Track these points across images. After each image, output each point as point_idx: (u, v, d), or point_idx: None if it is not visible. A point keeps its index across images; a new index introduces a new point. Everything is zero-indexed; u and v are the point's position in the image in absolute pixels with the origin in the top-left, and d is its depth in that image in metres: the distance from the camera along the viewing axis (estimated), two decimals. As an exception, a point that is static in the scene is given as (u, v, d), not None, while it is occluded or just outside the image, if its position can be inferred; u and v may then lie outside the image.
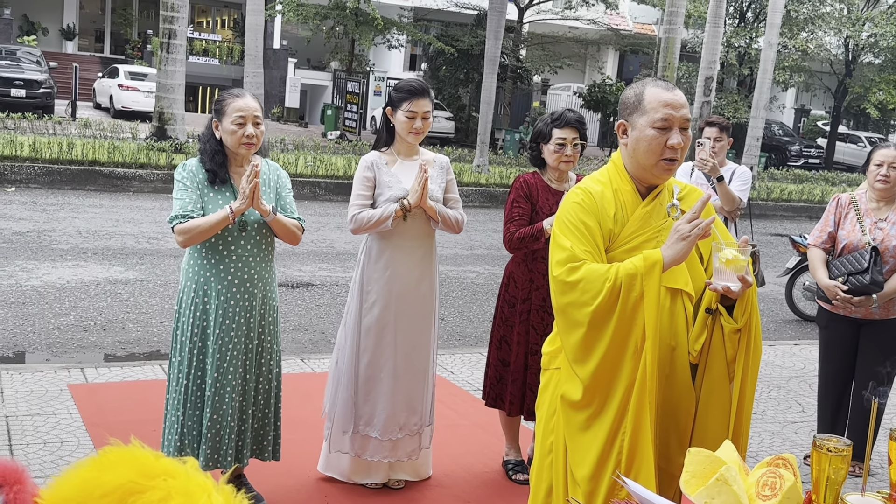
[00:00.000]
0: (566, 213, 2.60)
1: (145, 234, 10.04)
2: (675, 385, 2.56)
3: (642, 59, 33.78)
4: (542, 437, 2.70)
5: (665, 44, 18.79)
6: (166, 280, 8.01)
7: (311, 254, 9.78)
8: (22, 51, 23.75)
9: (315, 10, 24.70)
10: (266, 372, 3.63)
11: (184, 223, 3.37)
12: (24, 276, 7.71)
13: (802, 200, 19.47)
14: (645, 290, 2.42)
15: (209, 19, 34.37)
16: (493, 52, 18.37)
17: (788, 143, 31.14)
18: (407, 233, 3.89)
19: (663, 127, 2.52)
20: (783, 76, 28.31)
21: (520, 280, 4.18)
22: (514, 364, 4.16)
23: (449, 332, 7.27)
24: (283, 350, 6.17)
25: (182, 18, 15.58)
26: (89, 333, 6.40)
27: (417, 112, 3.82)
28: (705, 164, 4.97)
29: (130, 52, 30.74)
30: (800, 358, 7.02)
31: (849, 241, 4.52)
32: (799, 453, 4.87)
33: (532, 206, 4.12)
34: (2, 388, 4.91)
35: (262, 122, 3.50)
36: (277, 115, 27.60)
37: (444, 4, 28.98)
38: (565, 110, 4.19)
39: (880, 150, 4.52)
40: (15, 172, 12.83)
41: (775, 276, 10.20)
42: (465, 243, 11.31)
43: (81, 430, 4.46)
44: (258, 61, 17.54)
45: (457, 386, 5.65)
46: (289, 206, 3.61)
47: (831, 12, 29.03)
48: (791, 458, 1.95)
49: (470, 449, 4.66)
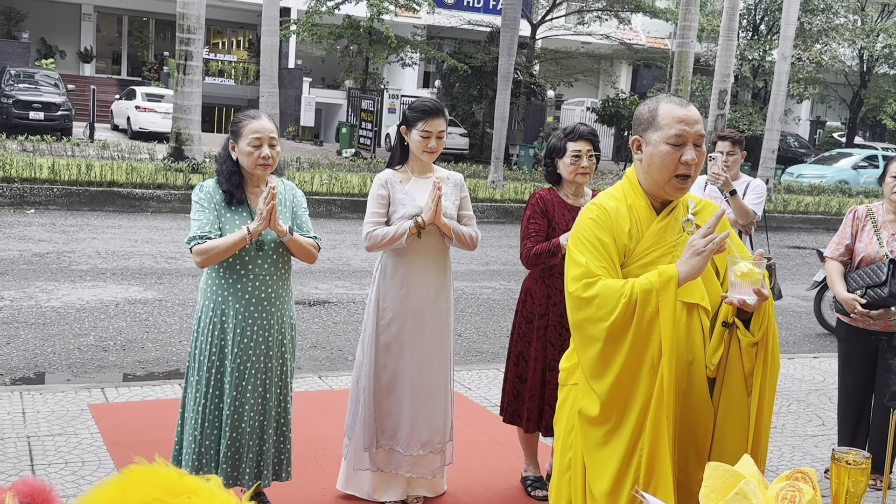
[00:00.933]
0: (581, 229, 2.62)
1: (163, 254, 10.11)
2: (693, 399, 2.56)
3: (656, 73, 33.78)
4: (561, 453, 2.70)
5: (678, 57, 18.80)
6: (184, 299, 8.07)
7: (328, 271, 9.82)
8: (40, 74, 24.04)
9: (329, 29, 24.89)
10: (287, 391, 3.65)
11: (202, 244, 3.40)
12: (44, 298, 7.78)
13: (819, 212, 19.38)
14: (661, 306, 2.42)
15: (224, 40, 34.68)
16: (507, 68, 18.44)
17: (804, 155, 31.02)
18: (421, 250, 3.91)
19: (677, 143, 2.54)
20: (798, 88, 28.25)
21: (537, 296, 4.19)
22: (531, 380, 4.17)
23: (466, 348, 7.27)
24: (301, 368, 6.20)
25: (198, 40, 15.74)
26: (109, 353, 6.45)
27: (432, 132, 3.85)
28: (717, 178, 4.97)
29: (147, 73, 31.06)
30: (819, 371, 6.98)
31: (866, 254, 4.51)
32: (819, 467, 4.84)
33: (548, 221, 4.13)
34: (23, 409, 4.95)
35: (277, 143, 3.53)
36: (293, 134, 27.76)
37: (457, 22, 29.13)
38: (577, 124, 4.24)
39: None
40: (34, 194, 12.97)
41: (804, 289, 10.16)
42: (480, 259, 11.32)
43: (102, 449, 4.49)
44: (273, 81, 17.68)
45: (474, 402, 5.65)
46: (305, 225, 3.64)
47: (845, 24, 28.99)
48: (810, 471, 1.95)
49: (488, 465, 4.65)
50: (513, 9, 18.46)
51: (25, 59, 26.73)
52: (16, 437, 4.56)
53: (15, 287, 8.05)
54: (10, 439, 4.52)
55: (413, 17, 28.11)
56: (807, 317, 9.58)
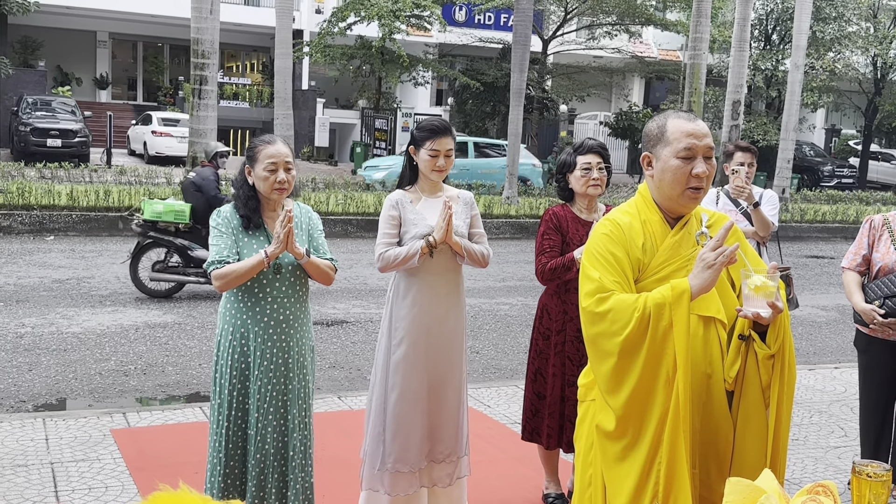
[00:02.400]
0: (594, 245, 2.64)
1: (181, 278, 10.17)
2: (712, 413, 2.56)
3: (668, 85, 33.78)
4: (582, 469, 2.70)
5: (690, 69, 18.79)
6: (203, 322, 8.12)
7: (345, 291, 9.85)
8: (57, 101, 24.31)
9: (342, 50, 25.07)
10: (305, 413, 3.66)
11: (220, 268, 3.44)
12: (64, 324, 7.85)
13: (837, 221, 19.27)
14: (674, 320, 2.43)
15: (238, 63, 34.98)
16: (519, 84, 18.50)
17: (820, 163, 30.87)
18: (433, 269, 3.93)
19: (687, 157, 2.56)
20: (812, 97, 28.15)
21: (553, 312, 4.20)
22: (550, 396, 4.17)
23: (484, 365, 7.27)
24: (320, 388, 6.22)
25: (212, 64, 15.88)
26: (130, 378, 6.50)
27: (440, 150, 3.88)
28: (742, 191, 4.94)
29: (163, 98, 31.34)
30: (840, 381, 6.93)
31: (884, 264, 4.48)
32: (843, 478, 4.80)
33: (562, 237, 4.15)
34: (46, 436, 5.00)
35: (293, 166, 3.57)
36: (307, 155, 27.92)
37: (468, 39, 29.26)
38: (586, 139, 4.30)
39: None
40: (53, 221, 13.10)
41: (811, 297, 10.10)
42: (496, 275, 11.33)
43: (125, 474, 4.52)
44: (287, 103, 17.81)
45: (493, 419, 5.64)
46: (321, 248, 3.67)
47: (857, 31, 28.89)
48: (831, 485, 1.95)
49: (509, 483, 4.65)
50: (524, 25, 18.54)
51: (42, 87, 27.04)
52: (39, 463, 4.60)
53: (36, 314, 8.13)
54: (34, 466, 4.56)
55: (425, 35, 28.26)
56: (827, 327, 9.53)
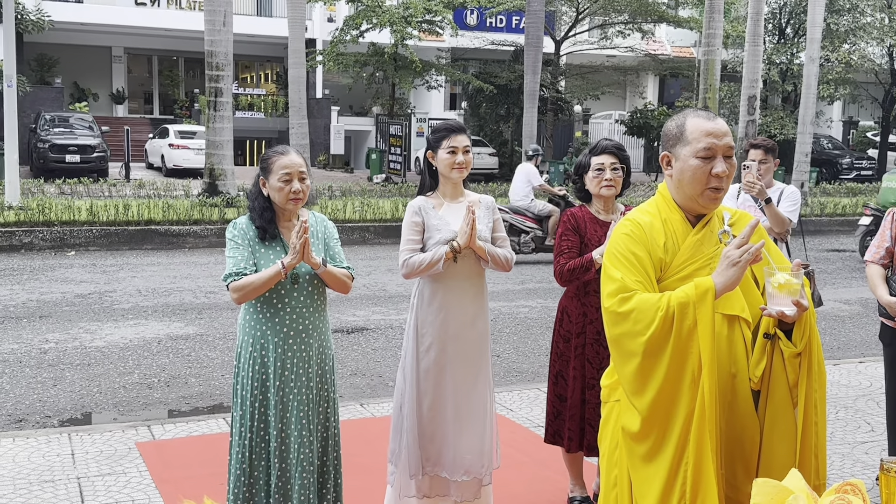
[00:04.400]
0: (616, 245, 2.62)
1: (202, 289, 10.23)
2: (738, 413, 2.54)
3: (683, 82, 33.63)
4: (606, 470, 2.69)
5: (705, 66, 18.72)
6: (225, 333, 8.15)
7: (364, 298, 9.86)
8: (74, 117, 24.52)
9: (354, 58, 25.14)
10: (325, 420, 3.67)
11: (238, 280, 3.45)
12: (88, 338, 7.90)
13: (857, 214, 19.09)
14: (699, 318, 2.41)
15: (253, 74, 35.15)
16: (532, 86, 18.49)
17: (839, 156, 30.64)
18: (458, 274, 3.93)
19: (707, 156, 2.53)
20: (828, 90, 27.95)
21: (573, 314, 4.18)
22: (570, 399, 4.15)
23: (505, 368, 7.25)
24: (342, 396, 6.22)
25: (227, 76, 15.98)
26: (154, 390, 6.53)
27: (458, 147, 3.88)
28: (752, 186, 4.93)
29: (179, 111, 31.54)
30: (866, 376, 6.86)
31: None
32: (871, 474, 4.75)
33: (580, 238, 4.14)
34: (72, 450, 5.03)
35: (307, 176, 3.57)
36: (323, 163, 28.00)
37: (480, 43, 29.26)
38: (601, 139, 4.31)
39: None
40: (74, 237, 13.20)
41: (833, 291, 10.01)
42: (516, 278, 11.31)
43: (151, 487, 4.54)
44: (302, 112, 17.89)
45: (516, 423, 5.63)
46: (337, 256, 3.67)
47: (872, 22, 28.65)
48: (860, 483, 1.93)
49: (533, 487, 4.63)
50: (535, 27, 18.54)
51: (59, 103, 27.29)
52: (66, 478, 4.63)
53: (59, 329, 8.19)
54: (61, 481, 4.59)
55: (437, 40, 28.29)
56: (850, 321, 9.44)
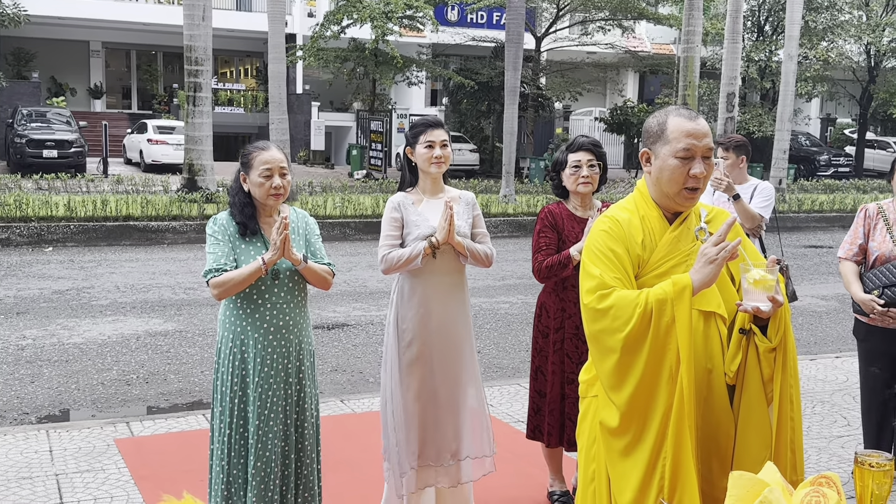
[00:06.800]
0: (594, 242, 2.64)
1: (181, 286, 10.18)
2: (714, 407, 2.56)
3: (662, 79, 33.78)
4: (584, 465, 2.71)
5: (684, 63, 18.81)
6: (204, 329, 8.12)
7: (345, 294, 9.85)
8: (52, 112, 24.31)
9: (335, 53, 25.06)
10: (305, 416, 3.67)
11: (218, 277, 3.44)
12: (65, 334, 7.85)
13: (834, 210, 19.28)
14: (676, 315, 2.43)
15: (232, 69, 34.97)
16: (513, 82, 18.51)
17: (816, 153, 30.90)
18: (438, 269, 3.94)
19: (686, 157, 2.55)
20: (806, 87, 28.17)
21: (552, 310, 4.20)
22: (550, 394, 4.18)
23: (486, 364, 7.27)
24: (323, 392, 6.22)
25: (206, 71, 15.89)
26: (132, 387, 6.50)
27: (435, 141, 3.89)
28: (720, 183, 4.98)
29: (157, 106, 31.34)
30: (842, 371, 6.93)
31: (881, 253, 4.48)
32: (847, 468, 4.81)
33: (558, 234, 4.16)
34: (50, 447, 5.00)
35: (288, 172, 3.57)
36: (304, 159, 27.91)
37: (461, 39, 29.26)
38: (578, 136, 4.33)
39: None
40: (52, 232, 13.09)
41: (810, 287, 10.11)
42: (496, 274, 11.33)
43: (130, 483, 4.52)
44: (282, 107, 17.81)
45: (496, 418, 5.64)
46: (318, 252, 3.67)
47: (850, 20, 28.91)
48: (834, 476, 1.96)
49: (514, 482, 4.65)
50: (516, 23, 18.55)
51: (36, 98, 27.04)
52: (44, 475, 4.60)
53: (37, 325, 8.13)
54: (39, 478, 4.56)
55: (417, 36, 28.26)
56: (827, 317, 9.54)
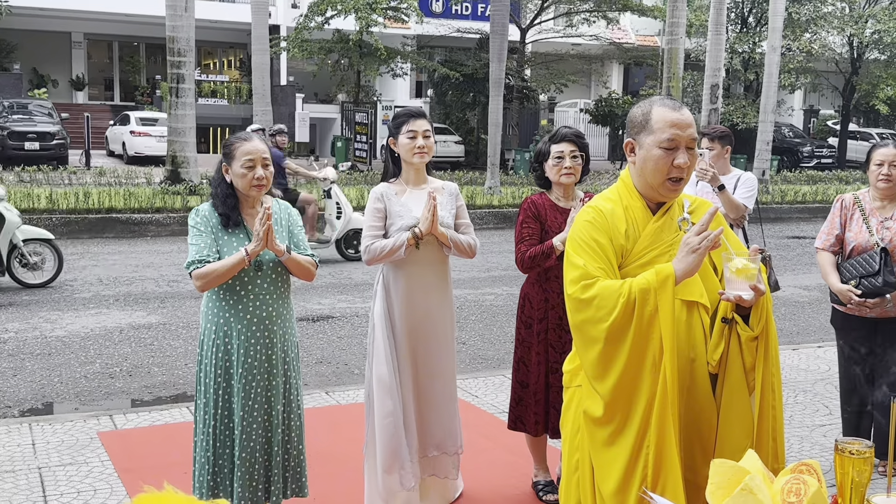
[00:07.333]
0: (578, 232, 2.64)
1: (165, 278, 10.14)
2: (697, 396, 2.58)
3: (647, 70, 33.83)
4: (568, 454, 2.72)
5: (668, 55, 18.85)
6: (188, 322, 8.08)
7: (330, 286, 9.83)
8: (33, 104, 24.10)
9: (319, 44, 24.96)
10: (290, 408, 3.66)
11: (201, 268, 3.42)
12: (48, 328, 7.80)
13: (817, 201, 19.38)
14: (659, 304, 2.44)
15: (216, 61, 34.76)
16: (498, 74, 18.49)
17: (799, 144, 31.05)
18: (421, 260, 3.94)
19: (670, 147, 2.56)
20: (789, 79, 28.29)
21: (535, 300, 4.21)
22: (534, 384, 4.19)
23: (471, 355, 7.28)
24: (308, 384, 6.21)
25: (189, 62, 15.79)
26: (116, 380, 6.46)
27: (417, 131, 3.90)
28: (705, 173, 5.00)
29: (140, 98, 31.13)
30: (824, 360, 6.98)
31: (857, 243, 4.50)
32: (829, 456, 4.85)
33: (541, 225, 4.16)
34: (33, 440, 4.97)
35: (270, 163, 3.56)
36: (288, 151, 27.76)
37: (446, 30, 29.19)
38: (561, 127, 4.31)
39: (879, 149, 4.50)
40: (33, 224, 12.95)
41: (793, 277, 10.16)
42: (481, 266, 11.34)
43: (114, 476, 4.50)
44: (266, 99, 17.74)
45: (481, 409, 5.66)
46: (301, 244, 3.66)
47: (833, 12, 29.05)
48: (815, 463, 1.97)
49: (498, 472, 4.66)
50: (501, 15, 18.53)
51: (18, 90, 26.80)
52: (27, 468, 4.57)
53: (19, 319, 8.07)
54: (22, 471, 4.53)
55: (402, 27, 28.17)
56: (809, 307, 9.60)
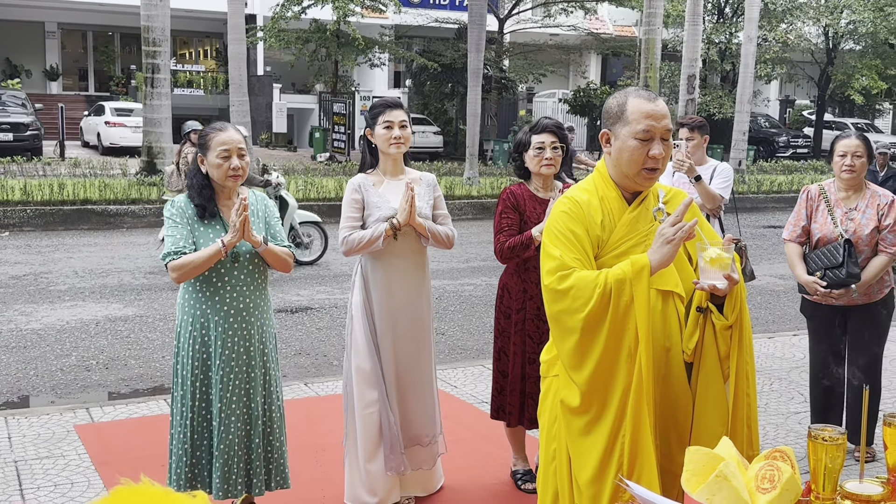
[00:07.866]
0: (554, 223, 2.65)
1: (141, 270, 10.07)
2: (672, 385, 2.60)
3: (625, 61, 33.90)
4: (546, 444, 2.73)
5: (646, 45, 18.91)
6: (165, 314, 8.04)
7: (308, 277, 9.81)
8: (6, 94, 23.79)
9: (296, 34, 24.80)
10: (269, 399, 3.65)
11: (177, 260, 3.41)
12: (23, 320, 7.73)
13: (793, 191, 19.53)
14: (635, 295, 2.46)
15: (191, 50, 34.47)
16: (476, 64, 18.47)
17: (775, 134, 31.26)
18: (399, 251, 3.94)
19: (645, 138, 2.57)
20: (765, 69, 28.45)
21: (514, 291, 4.22)
22: (512, 374, 4.20)
23: (450, 346, 7.29)
24: (287, 375, 6.20)
25: (164, 52, 15.65)
26: (92, 373, 6.42)
27: (394, 121, 3.90)
28: (682, 164, 5.03)
29: (115, 88, 30.83)
30: (799, 349, 7.05)
31: (822, 234, 4.54)
32: (804, 443, 4.88)
33: (520, 215, 4.17)
34: (9, 434, 4.93)
35: (246, 153, 3.54)
36: (266, 141, 27.64)
37: (424, 20, 29.11)
38: (542, 118, 4.32)
39: (842, 140, 4.54)
40: (7, 217, 12.86)
41: (768, 266, 10.25)
42: (460, 256, 11.35)
43: (91, 469, 4.48)
44: (243, 89, 17.59)
45: (461, 399, 5.67)
46: (278, 235, 3.65)
47: (808, 2, 29.23)
48: (789, 450, 1.99)
49: (478, 461, 4.68)
50: (479, 5, 18.50)
51: (-9, 80, 26.49)
52: (3, 462, 4.54)
53: (-7, 311, 7.99)
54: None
55: (380, 17, 28.06)
56: (785, 295, 9.68)
